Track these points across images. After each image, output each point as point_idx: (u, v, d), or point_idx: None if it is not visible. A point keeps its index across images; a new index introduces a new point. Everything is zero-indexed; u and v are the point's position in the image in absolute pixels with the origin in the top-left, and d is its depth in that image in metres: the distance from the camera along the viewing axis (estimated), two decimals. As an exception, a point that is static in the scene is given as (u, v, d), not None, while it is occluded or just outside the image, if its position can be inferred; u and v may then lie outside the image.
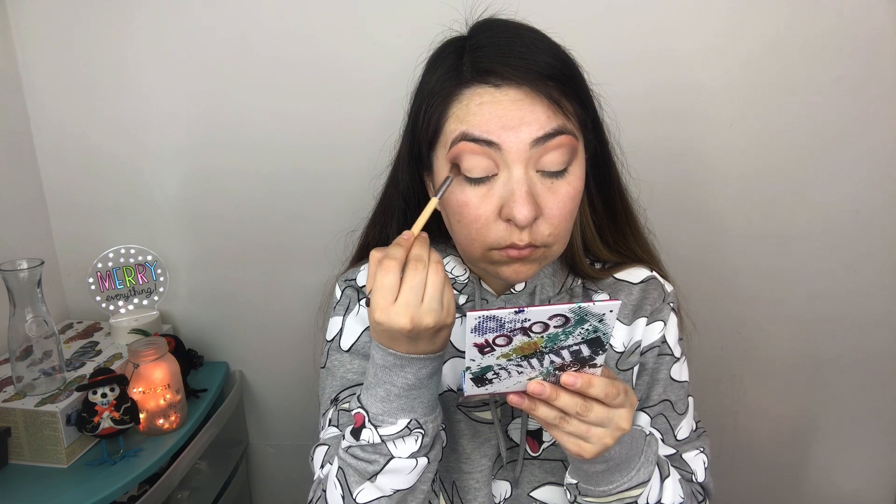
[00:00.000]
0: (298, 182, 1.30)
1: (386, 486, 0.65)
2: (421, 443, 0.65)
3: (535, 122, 0.64)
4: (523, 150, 0.64)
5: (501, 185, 0.65)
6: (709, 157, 1.26)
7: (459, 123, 0.65)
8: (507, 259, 0.68)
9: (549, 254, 0.69)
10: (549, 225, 0.66)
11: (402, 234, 0.63)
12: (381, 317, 0.59)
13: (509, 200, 0.64)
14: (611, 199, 0.79)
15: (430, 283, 0.60)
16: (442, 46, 0.73)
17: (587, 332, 0.56)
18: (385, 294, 0.59)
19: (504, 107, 0.64)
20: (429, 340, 0.62)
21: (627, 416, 0.60)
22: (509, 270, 0.69)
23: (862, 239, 1.29)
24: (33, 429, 1.00)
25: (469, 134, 0.64)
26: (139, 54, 1.25)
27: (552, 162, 0.65)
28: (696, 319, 0.90)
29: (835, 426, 1.43)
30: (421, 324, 0.59)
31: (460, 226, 0.68)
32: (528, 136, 0.63)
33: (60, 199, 1.34)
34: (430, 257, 0.61)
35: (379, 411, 0.64)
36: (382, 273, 0.60)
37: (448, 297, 0.61)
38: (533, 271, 0.70)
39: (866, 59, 1.18)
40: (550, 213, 0.66)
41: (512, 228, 0.65)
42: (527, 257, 0.67)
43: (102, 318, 1.33)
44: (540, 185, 0.65)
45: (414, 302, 0.59)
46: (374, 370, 0.64)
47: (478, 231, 0.67)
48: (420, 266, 0.60)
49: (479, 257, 0.69)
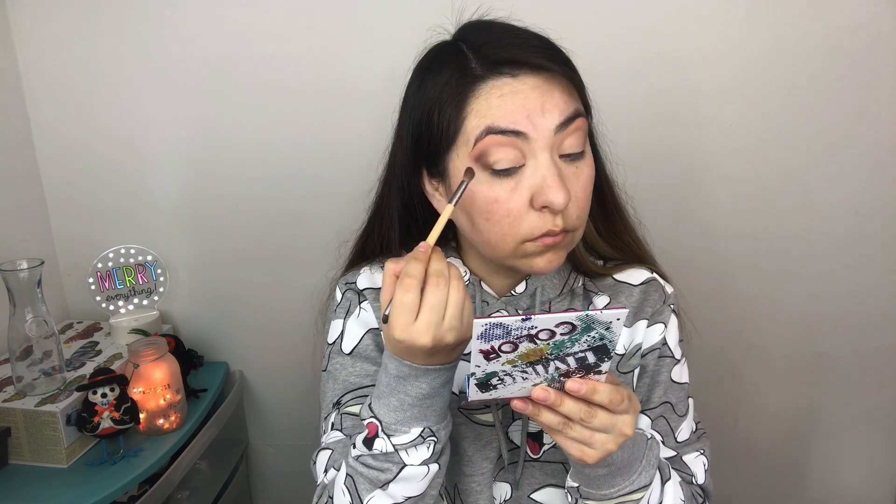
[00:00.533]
0: (297, 183, 1.30)
1: (398, 494, 0.65)
2: (433, 450, 0.65)
3: (555, 107, 0.64)
4: (549, 136, 0.64)
5: (530, 174, 0.64)
6: (709, 158, 1.26)
7: (482, 119, 0.64)
8: (542, 248, 0.67)
9: (576, 238, 0.70)
10: (577, 208, 0.66)
11: (419, 247, 0.61)
12: (401, 335, 0.59)
13: (543, 188, 0.63)
14: (599, 187, 0.78)
15: (451, 300, 0.59)
16: (431, 52, 0.72)
17: (593, 340, 0.56)
18: (405, 312, 0.58)
19: (525, 95, 0.63)
20: (447, 354, 0.62)
21: (631, 421, 0.60)
22: (543, 260, 0.68)
23: (862, 239, 1.29)
24: (33, 429, 1.00)
25: (495, 126, 0.63)
26: (139, 55, 1.24)
27: (572, 145, 0.65)
28: (696, 320, 0.89)
29: (835, 426, 1.43)
30: (442, 341, 0.59)
31: (490, 223, 0.67)
32: (552, 122, 0.64)
33: (60, 199, 1.34)
34: (450, 272, 0.60)
35: (392, 420, 0.64)
36: (402, 292, 0.59)
37: (468, 312, 0.61)
38: (562, 259, 0.69)
39: (867, 61, 1.19)
40: (576, 196, 0.66)
41: (545, 216, 0.65)
42: (560, 243, 0.67)
43: (102, 318, 1.33)
44: (565, 170, 0.65)
45: (436, 321, 0.58)
46: (388, 380, 0.64)
47: (510, 225, 0.66)
48: (441, 282, 0.59)
49: (510, 253, 0.68)
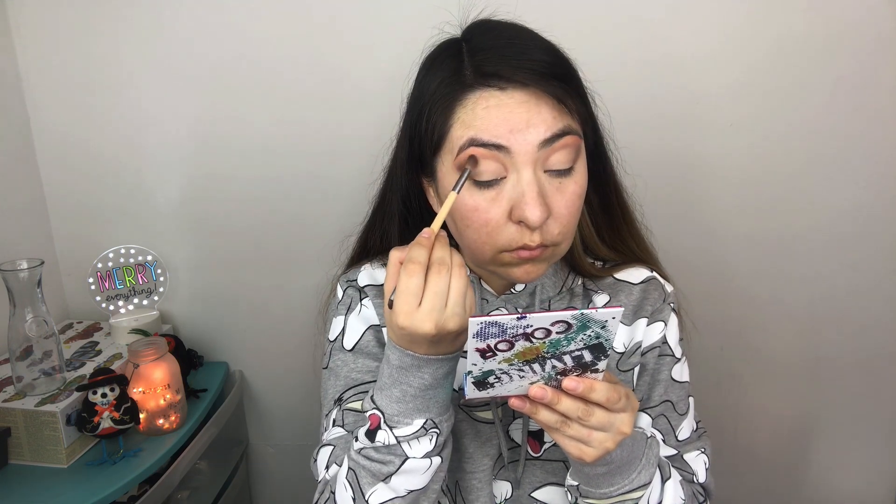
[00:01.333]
0: (298, 183, 1.30)
1: (400, 487, 0.65)
2: (436, 442, 0.65)
3: (541, 123, 0.63)
4: (532, 151, 0.63)
5: (511, 187, 0.65)
6: (710, 159, 1.26)
7: (466, 129, 0.64)
8: (518, 260, 0.67)
9: (557, 252, 0.69)
10: (558, 224, 0.66)
11: (423, 233, 0.62)
12: (404, 321, 0.59)
13: (520, 202, 0.64)
14: (607, 195, 0.79)
15: (453, 287, 0.59)
16: (437, 49, 0.72)
17: (589, 339, 0.56)
18: (409, 298, 0.59)
19: (510, 109, 0.63)
20: (450, 343, 0.62)
21: (629, 420, 0.60)
22: (520, 271, 0.68)
23: (863, 240, 1.29)
24: (33, 429, 1.00)
25: (477, 139, 0.64)
26: (139, 55, 1.25)
27: (559, 161, 0.65)
28: (697, 320, 0.90)
29: (835, 426, 1.43)
30: (445, 328, 0.59)
31: (470, 230, 0.67)
32: (536, 138, 0.63)
33: (60, 199, 1.34)
34: (452, 260, 0.61)
35: (394, 412, 0.64)
36: (406, 276, 0.59)
37: (470, 300, 0.61)
38: (543, 270, 0.70)
39: (867, 61, 1.19)
40: (559, 213, 0.66)
41: (523, 230, 0.65)
42: (537, 257, 0.67)
43: (102, 318, 1.33)
44: (548, 185, 0.65)
45: (438, 307, 0.58)
46: (390, 370, 0.64)
47: (488, 234, 0.66)
48: (444, 270, 0.59)
49: (488, 260, 0.69)
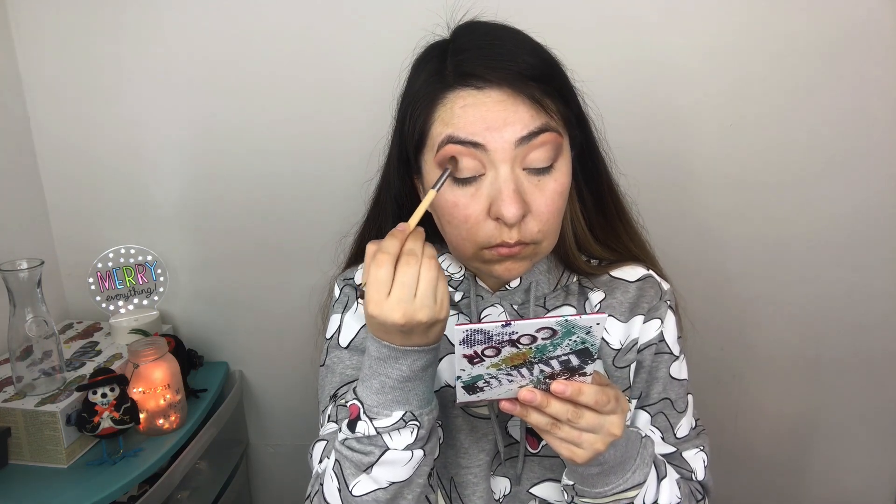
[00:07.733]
0: (297, 183, 1.30)
1: (381, 478, 0.65)
2: (416, 435, 0.65)
3: (518, 121, 0.64)
4: (508, 149, 0.65)
5: (489, 184, 0.66)
6: (709, 159, 1.26)
7: (445, 126, 0.66)
8: (498, 257, 0.68)
9: (540, 250, 0.70)
10: (537, 222, 0.67)
11: (398, 226, 0.62)
12: (374, 310, 0.60)
13: (497, 199, 0.65)
14: (600, 194, 0.79)
15: (422, 278, 0.60)
16: (425, 50, 0.73)
17: (575, 344, 0.56)
18: (379, 287, 0.59)
19: (487, 108, 0.64)
20: (422, 334, 0.62)
21: (619, 422, 0.60)
22: (501, 268, 0.70)
23: (863, 240, 1.29)
24: (33, 429, 1.00)
25: (455, 136, 0.65)
26: (139, 55, 1.25)
27: (538, 159, 0.66)
28: (696, 319, 0.90)
29: (835, 426, 1.43)
30: (414, 319, 0.59)
31: (451, 226, 0.69)
32: (513, 136, 0.64)
33: (60, 199, 1.34)
34: (423, 252, 0.61)
35: (374, 403, 0.65)
36: (376, 266, 0.60)
37: (442, 292, 0.61)
38: (525, 268, 0.71)
39: (867, 62, 1.18)
40: (538, 210, 0.67)
41: (501, 227, 0.66)
42: (517, 255, 0.68)
43: (102, 318, 1.34)
44: (527, 183, 0.66)
45: (406, 297, 0.59)
46: (370, 362, 0.65)
47: (468, 231, 0.67)
48: (412, 261, 0.60)
49: (470, 256, 0.70)
